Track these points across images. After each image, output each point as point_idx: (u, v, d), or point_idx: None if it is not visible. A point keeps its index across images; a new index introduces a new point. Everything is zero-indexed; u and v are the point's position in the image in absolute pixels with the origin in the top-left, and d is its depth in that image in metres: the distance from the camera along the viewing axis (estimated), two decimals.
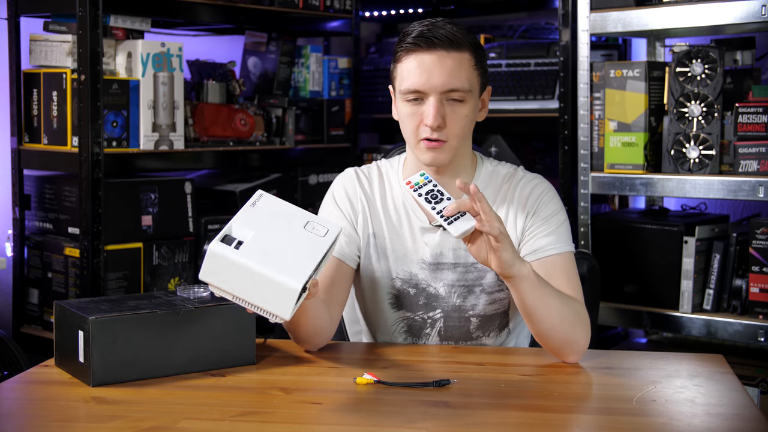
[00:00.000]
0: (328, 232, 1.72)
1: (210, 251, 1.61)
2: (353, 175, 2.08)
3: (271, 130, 3.45)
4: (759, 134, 2.67)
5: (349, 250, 2.02)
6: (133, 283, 2.94)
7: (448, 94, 1.89)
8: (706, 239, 2.84)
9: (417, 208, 2.02)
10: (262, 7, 3.30)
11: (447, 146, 1.92)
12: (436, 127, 1.89)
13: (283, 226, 1.71)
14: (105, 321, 1.72)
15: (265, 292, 1.60)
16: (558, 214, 2.00)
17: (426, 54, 1.89)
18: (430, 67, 1.88)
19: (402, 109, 1.95)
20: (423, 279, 2.02)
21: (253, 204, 1.74)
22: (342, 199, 2.06)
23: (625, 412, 1.60)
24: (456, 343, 2.05)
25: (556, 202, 2.02)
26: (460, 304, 2.02)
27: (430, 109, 1.88)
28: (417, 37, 1.90)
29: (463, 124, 1.92)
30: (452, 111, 1.90)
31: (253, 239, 1.64)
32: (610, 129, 2.94)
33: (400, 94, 1.94)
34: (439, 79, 1.88)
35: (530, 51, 3.48)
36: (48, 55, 2.94)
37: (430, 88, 1.88)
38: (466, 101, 1.91)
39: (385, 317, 2.06)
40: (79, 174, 2.81)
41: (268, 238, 1.66)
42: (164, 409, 1.61)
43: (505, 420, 1.57)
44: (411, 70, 1.90)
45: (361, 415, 1.59)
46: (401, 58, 1.93)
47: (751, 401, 1.64)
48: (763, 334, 2.68)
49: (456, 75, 1.88)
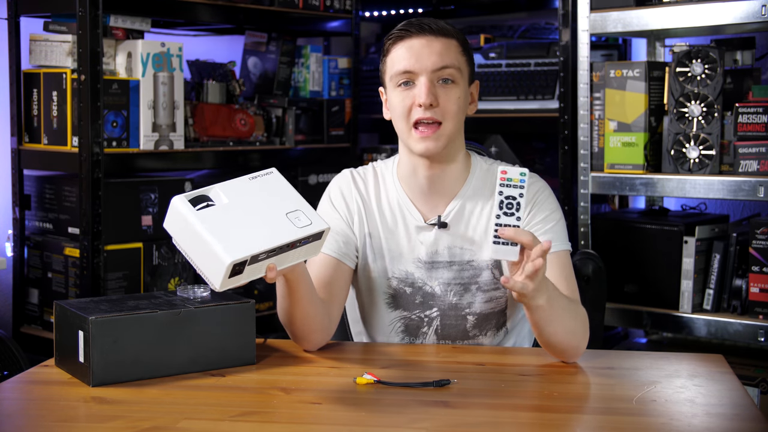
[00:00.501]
0: (309, 225, 1.70)
1: (171, 203, 1.66)
2: (349, 176, 2.09)
3: (271, 130, 3.45)
4: (759, 134, 2.67)
5: (347, 250, 2.02)
6: (133, 283, 2.94)
7: (439, 73, 1.92)
8: (706, 239, 2.84)
9: (412, 206, 2.03)
10: (262, 7, 3.30)
11: (441, 131, 1.92)
12: (429, 105, 1.91)
13: (263, 204, 1.70)
14: (105, 321, 1.72)
15: (205, 256, 1.62)
16: (554, 212, 2.00)
17: (415, 38, 1.93)
18: (419, 50, 1.92)
19: (394, 98, 1.96)
20: (419, 278, 2.02)
21: (253, 177, 1.74)
22: (338, 200, 2.07)
23: (625, 412, 1.60)
24: (453, 342, 2.05)
25: (552, 200, 2.02)
26: (456, 302, 2.02)
27: (421, 88, 1.91)
28: (405, 25, 1.95)
29: (456, 106, 1.94)
30: (444, 92, 1.93)
31: (222, 206, 1.66)
32: (610, 129, 2.94)
33: (391, 80, 1.96)
34: (429, 59, 1.92)
35: (530, 51, 3.48)
36: (48, 55, 2.94)
37: (421, 67, 1.91)
38: (457, 83, 1.94)
39: (382, 317, 2.07)
40: (79, 174, 2.81)
41: (238, 210, 1.67)
42: (164, 409, 1.61)
43: (506, 420, 1.57)
44: (401, 54, 1.94)
45: (361, 415, 1.59)
46: (390, 49, 1.97)
47: (751, 401, 1.64)
48: (763, 334, 2.68)
49: (446, 54, 1.93)
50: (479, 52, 3.57)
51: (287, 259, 1.71)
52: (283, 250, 1.67)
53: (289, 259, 1.72)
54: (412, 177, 2.02)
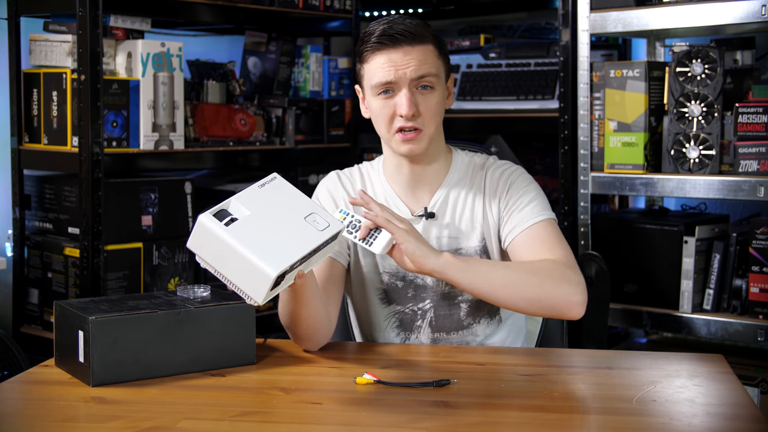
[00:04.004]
0: (328, 227, 1.72)
1: (199, 222, 1.62)
2: (335, 177, 2.14)
3: (271, 130, 3.45)
4: (759, 134, 2.67)
5: (340, 248, 2.05)
6: (133, 283, 2.94)
7: (418, 81, 1.94)
8: (706, 239, 2.84)
9: (399, 200, 2.07)
10: (262, 7, 3.30)
11: (423, 135, 1.97)
12: (411, 116, 1.93)
13: (282, 211, 1.71)
14: (105, 321, 1.72)
15: (243, 272, 1.60)
16: (528, 187, 2.04)
17: (392, 51, 1.94)
18: (397, 62, 1.94)
19: (373, 105, 1.99)
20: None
21: (262, 185, 1.74)
22: (326, 200, 2.10)
23: (625, 412, 1.60)
24: (448, 334, 2.07)
25: (525, 178, 2.06)
26: (449, 291, 2.05)
27: (402, 99, 1.93)
28: (380, 36, 1.95)
29: (435, 111, 1.97)
30: (424, 99, 1.95)
31: (246, 219, 1.64)
32: (610, 129, 2.94)
33: (371, 89, 1.98)
34: (407, 70, 1.93)
35: (530, 51, 3.48)
36: (48, 55, 2.94)
37: (400, 78, 1.93)
38: (436, 88, 1.97)
39: (377, 313, 2.09)
40: (79, 174, 2.81)
41: (262, 220, 1.66)
42: (164, 409, 1.61)
43: (505, 420, 1.57)
44: (379, 66, 1.95)
45: (361, 415, 1.59)
46: (367, 57, 1.98)
47: (751, 401, 1.64)
48: (763, 334, 2.68)
49: (423, 63, 1.94)
50: (479, 52, 3.57)
51: (311, 263, 1.73)
52: (311, 255, 1.69)
53: (312, 263, 1.74)
54: (396, 173, 2.07)
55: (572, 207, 3.03)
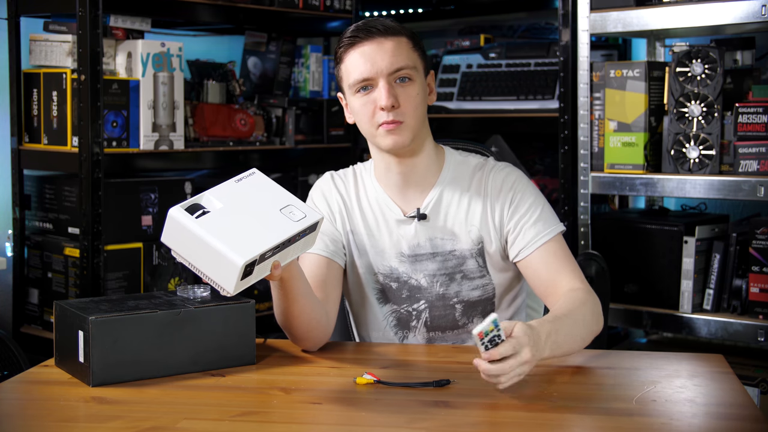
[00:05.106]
0: (304, 218, 1.72)
1: (169, 215, 1.65)
2: (329, 178, 2.14)
3: (271, 130, 3.45)
4: (759, 134, 2.67)
5: (335, 248, 2.06)
6: (133, 283, 2.94)
7: (395, 74, 1.95)
8: (706, 239, 2.84)
9: (391, 202, 2.07)
10: (262, 7, 3.30)
11: (405, 126, 1.96)
12: (390, 107, 1.94)
13: (256, 204, 1.72)
14: (105, 321, 1.72)
15: (213, 263, 1.62)
16: (537, 199, 2.04)
17: (366, 44, 1.95)
18: (372, 54, 1.95)
19: (354, 104, 1.99)
20: (404, 272, 2.05)
21: (239, 179, 1.76)
22: (320, 201, 2.11)
23: (625, 412, 1.60)
24: (443, 333, 2.07)
25: (531, 188, 2.06)
26: (443, 292, 2.05)
27: (381, 92, 1.94)
28: (354, 31, 1.97)
29: (416, 103, 1.97)
30: (403, 91, 1.96)
31: (218, 211, 1.66)
32: (610, 129, 2.94)
33: (350, 88, 1.99)
34: (383, 62, 1.94)
35: (530, 51, 3.48)
36: (48, 55, 2.94)
37: (377, 72, 1.94)
38: (414, 80, 1.97)
39: (375, 312, 2.10)
40: (79, 174, 2.81)
41: (235, 212, 1.68)
42: (164, 409, 1.61)
43: (505, 420, 1.57)
44: (355, 61, 1.96)
45: (361, 415, 1.59)
46: (343, 57, 1.99)
47: (751, 401, 1.64)
48: (763, 334, 2.68)
49: (398, 54, 1.95)
50: (479, 52, 3.57)
51: (288, 254, 1.73)
52: (285, 246, 1.69)
53: (290, 254, 1.74)
54: (386, 174, 2.07)
55: (572, 207, 3.03)
